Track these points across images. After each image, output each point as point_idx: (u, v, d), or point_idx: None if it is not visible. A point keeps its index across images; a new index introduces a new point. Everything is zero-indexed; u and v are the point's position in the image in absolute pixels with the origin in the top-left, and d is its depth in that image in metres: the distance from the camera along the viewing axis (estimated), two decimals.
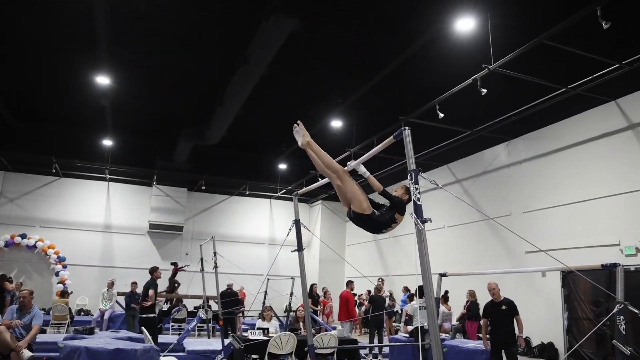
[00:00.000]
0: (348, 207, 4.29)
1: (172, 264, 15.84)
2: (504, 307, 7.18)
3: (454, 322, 11.91)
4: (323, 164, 4.31)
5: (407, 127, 3.08)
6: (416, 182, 2.87)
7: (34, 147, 15.31)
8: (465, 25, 7.92)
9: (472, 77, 8.50)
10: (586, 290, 9.88)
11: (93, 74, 10.77)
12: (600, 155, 10.19)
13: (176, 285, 15.41)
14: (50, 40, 9.84)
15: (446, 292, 11.62)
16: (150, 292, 9.50)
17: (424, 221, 2.74)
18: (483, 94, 8.40)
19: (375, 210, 4.15)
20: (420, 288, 9.35)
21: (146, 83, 11.73)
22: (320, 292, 15.68)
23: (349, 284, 12.20)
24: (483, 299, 11.44)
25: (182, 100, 12.76)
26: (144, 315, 9.58)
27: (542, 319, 10.79)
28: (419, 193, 2.85)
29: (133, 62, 10.65)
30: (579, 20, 6.84)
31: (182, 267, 15.45)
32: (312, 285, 13.52)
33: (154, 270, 9.90)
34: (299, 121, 4.39)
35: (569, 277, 10.28)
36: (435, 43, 8.75)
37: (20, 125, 14.50)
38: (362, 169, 4.28)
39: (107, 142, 15.04)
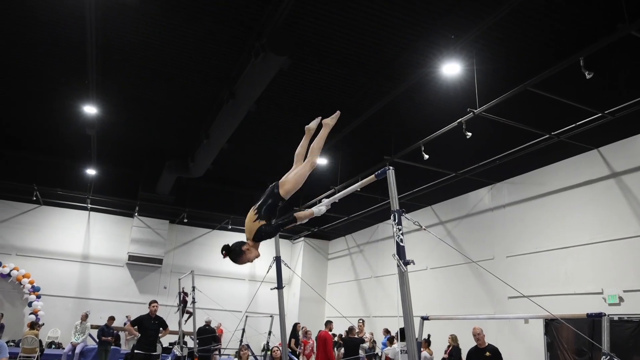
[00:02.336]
0: (284, 176, 4.13)
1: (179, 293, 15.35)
2: (488, 353, 7.05)
3: None
4: (316, 145, 4.31)
5: (391, 167, 3.05)
6: (399, 223, 2.83)
7: (16, 174, 15.08)
8: (451, 69, 8.09)
9: (457, 121, 8.61)
10: (569, 339, 9.79)
11: (80, 104, 10.75)
12: (583, 202, 10.29)
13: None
14: (38, 69, 9.84)
15: (428, 336, 11.44)
16: (127, 326, 9.19)
17: (406, 263, 2.68)
18: (468, 137, 8.51)
19: (283, 201, 3.93)
20: (402, 331, 9.15)
21: (133, 114, 11.71)
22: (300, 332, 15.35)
23: (328, 324, 11.95)
24: (464, 343, 11.29)
25: (167, 132, 12.74)
26: (137, 352, 9.24)
27: None
28: (402, 234, 2.80)
29: (121, 93, 10.66)
30: (563, 69, 7.02)
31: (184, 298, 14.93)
32: (295, 325, 13.23)
33: (149, 304, 9.57)
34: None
35: (552, 325, 10.19)
36: (422, 86, 8.92)
37: (1, 151, 14.30)
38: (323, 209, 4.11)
39: (91, 172, 14.87)
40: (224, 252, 3.86)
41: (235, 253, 3.84)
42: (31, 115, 12.22)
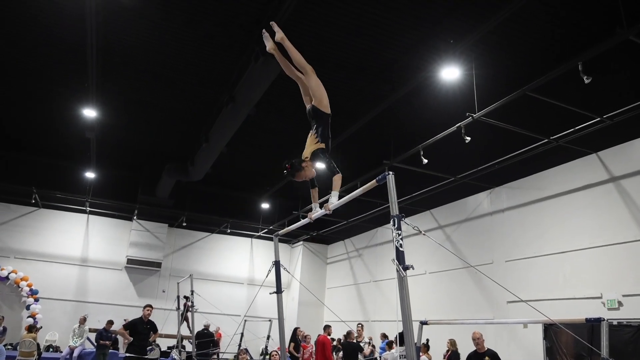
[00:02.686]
0: (309, 102, 4.47)
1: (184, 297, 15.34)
2: (487, 358, 7.02)
3: None
4: (294, 58, 4.49)
5: (391, 172, 3.06)
6: (399, 228, 2.83)
7: (15, 176, 15.07)
8: (450, 74, 8.10)
9: (457, 125, 8.62)
10: (568, 344, 9.77)
11: (80, 106, 10.76)
12: (581, 206, 10.30)
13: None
14: (38, 71, 9.85)
15: (427, 340, 11.42)
16: (119, 329, 9.15)
17: (406, 268, 2.68)
18: (467, 141, 8.52)
19: (330, 117, 4.34)
20: (401, 335, 9.11)
21: (132, 117, 11.72)
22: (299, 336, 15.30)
23: (326, 328, 11.91)
24: (463, 348, 11.27)
25: (167, 136, 12.75)
26: (129, 355, 9.20)
27: None
28: (401, 239, 2.80)
29: (121, 96, 10.67)
30: (561, 74, 7.04)
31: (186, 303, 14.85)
32: (295, 329, 13.20)
33: (143, 308, 9.56)
34: (269, 26, 4.52)
35: (551, 330, 10.17)
36: (421, 90, 8.94)
37: (1, 153, 14.29)
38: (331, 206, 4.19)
39: (90, 175, 14.85)
40: (287, 165, 4.16)
41: (295, 168, 4.13)
42: (31, 118, 12.22)
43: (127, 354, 9.12)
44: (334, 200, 4.10)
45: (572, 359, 9.65)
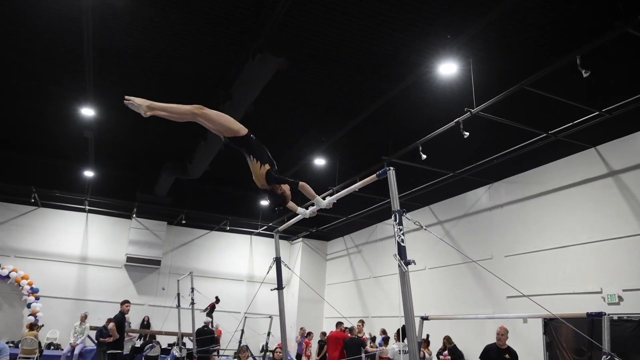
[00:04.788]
0: (223, 136, 4.15)
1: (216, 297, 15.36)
2: (507, 355, 6.95)
3: None
4: (175, 114, 4.11)
5: (391, 167, 3.05)
6: (400, 223, 2.83)
7: (14, 176, 15.06)
8: (448, 69, 8.09)
9: (455, 120, 8.60)
10: (568, 338, 9.79)
11: (78, 106, 10.72)
12: (581, 201, 10.30)
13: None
14: (35, 72, 9.81)
15: (427, 336, 11.44)
16: (110, 325, 9.12)
17: (407, 263, 2.68)
18: (465, 137, 8.51)
19: (251, 134, 4.10)
20: (402, 330, 9.09)
21: (130, 116, 11.61)
22: (297, 332, 15.33)
23: (339, 324, 11.87)
24: (463, 342, 11.30)
25: (165, 134, 12.71)
26: (111, 351, 9.16)
27: None
28: (403, 234, 2.80)
29: (118, 95, 10.58)
30: (559, 68, 7.03)
31: (213, 304, 14.92)
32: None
33: (122, 304, 9.54)
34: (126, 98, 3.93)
35: (550, 324, 10.19)
36: (419, 86, 8.92)
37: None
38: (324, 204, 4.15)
39: (89, 173, 14.82)
40: (276, 209, 4.17)
41: (281, 199, 4.06)
42: (29, 118, 12.18)
43: (114, 351, 9.10)
44: (325, 200, 4.08)
45: (572, 353, 9.68)
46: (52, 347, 15.20)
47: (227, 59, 8.88)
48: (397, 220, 2.84)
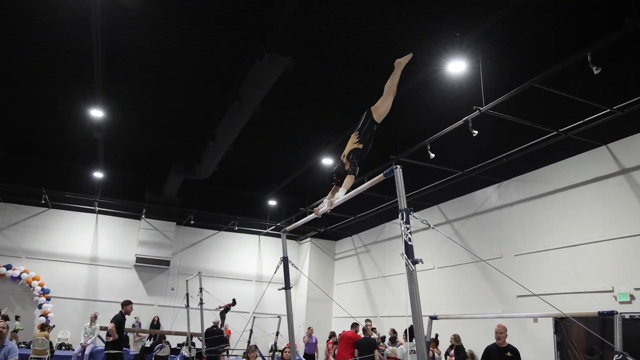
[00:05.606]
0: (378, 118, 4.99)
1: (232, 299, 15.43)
2: (509, 354, 6.83)
3: None
4: (388, 84, 5.00)
5: (398, 166, 3.03)
6: (407, 222, 2.80)
7: (24, 178, 15.22)
8: (456, 67, 8.05)
9: (464, 119, 8.55)
10: (579, 338, 9.70)
11: (87, 107, 10.81)
12: (592, 199, 10.20)
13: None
14: (45, 74, 9.90)
15: (436, 335, 11.37)
16: (110, 325, 9.05)
17: (415, 262, 2.66)
18: (474, 135, 8.46)
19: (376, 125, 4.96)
20: (410, 330, 9.01)
21: (139, 117, 11.75)
22: (305, 332, 15.30)
23: (354, 326, 11.76)
24: (473, 342, 11.22)
25: (173, 135, 12.77)
26: (110, 352, 9.09)
27: None
28: (410, 233, 2.77)
29: (127, 96, 10.69)
30: (570, 65, 6.96)
31: (229, 305, 14.96)
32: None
33: (125, 304, 9.45)
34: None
35: (561, 324, 10.11)
36: (427, 84, 8.89)
37: (10, 156, 14.41)
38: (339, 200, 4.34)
39: (98, 175, 14.94)
40: (335, 177, 4.71)
41: (340, 172, 4.64)
42: (39, 120, 12.30)
43: (113, 351, 9.02)
44: (340, 195, 4.15)
45: (583, 353, 9.58)
46: (63, 348, 15.31)
47: (235, 60, 8.89)
48: (404, 219, 2.82)
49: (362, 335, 10.93)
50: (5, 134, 13.16)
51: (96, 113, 10.79)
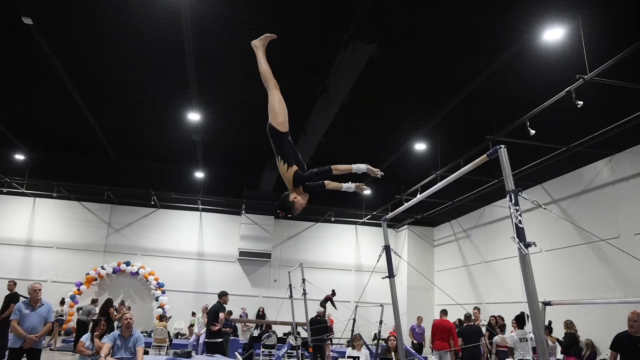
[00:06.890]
0: (268, 122, 4.26)
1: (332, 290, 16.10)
2: None
3: (559, 355, 10.94)
4: (262, 71, 4.27)
5: (502, 146, 2.87)
6: (516, 204, 2.65)
7: (135, 181, 16.54)
8: (554, 34, 7.49)
9: (566, 89, 7.93)
10: None
11: (185, 112, 11.42)
12: None
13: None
14: (145, 84, 10.56)
15: (550, 322, 10.76)
16: (221, 315, 9.56)
17: (527, 245, 2.50)
18: (579, 106, 7.81)
19: (289, 135, 4.10)
20: (518, 318, 8.53)
21: (232, 117, 12.20)
22: (407, 320, 15.18)
23: (444, 313, 11.47)
24: (588, 330, 10.49)
25: (265, 131, 13.10)
26: (211, 340, 9.57)
27: None
28: (520, 215, 2.62)
29: (219, 97, 11.13)
30: None
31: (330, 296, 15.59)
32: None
33: (222, 295, 10.00)
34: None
35: None
36: (521, 56, 8.36)
37: (123, 162, 15.68)
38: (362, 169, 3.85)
39: (199, 174, 15.79)
40: (279, 211, 3.88)
41: (287, 207, 3.77)
42: (143, 126, 13.17)
43: (219, 339, 9.50)
44: (362, 166, 3.78)
45: None
46: (179, 337, 16.48)
47: (320, 52, 8.93)
48: (513, 201, 2.66)
49: (465, 323, 10.57)
50: (116, 142, 14.28)
51: (193, 116, 11.39)
